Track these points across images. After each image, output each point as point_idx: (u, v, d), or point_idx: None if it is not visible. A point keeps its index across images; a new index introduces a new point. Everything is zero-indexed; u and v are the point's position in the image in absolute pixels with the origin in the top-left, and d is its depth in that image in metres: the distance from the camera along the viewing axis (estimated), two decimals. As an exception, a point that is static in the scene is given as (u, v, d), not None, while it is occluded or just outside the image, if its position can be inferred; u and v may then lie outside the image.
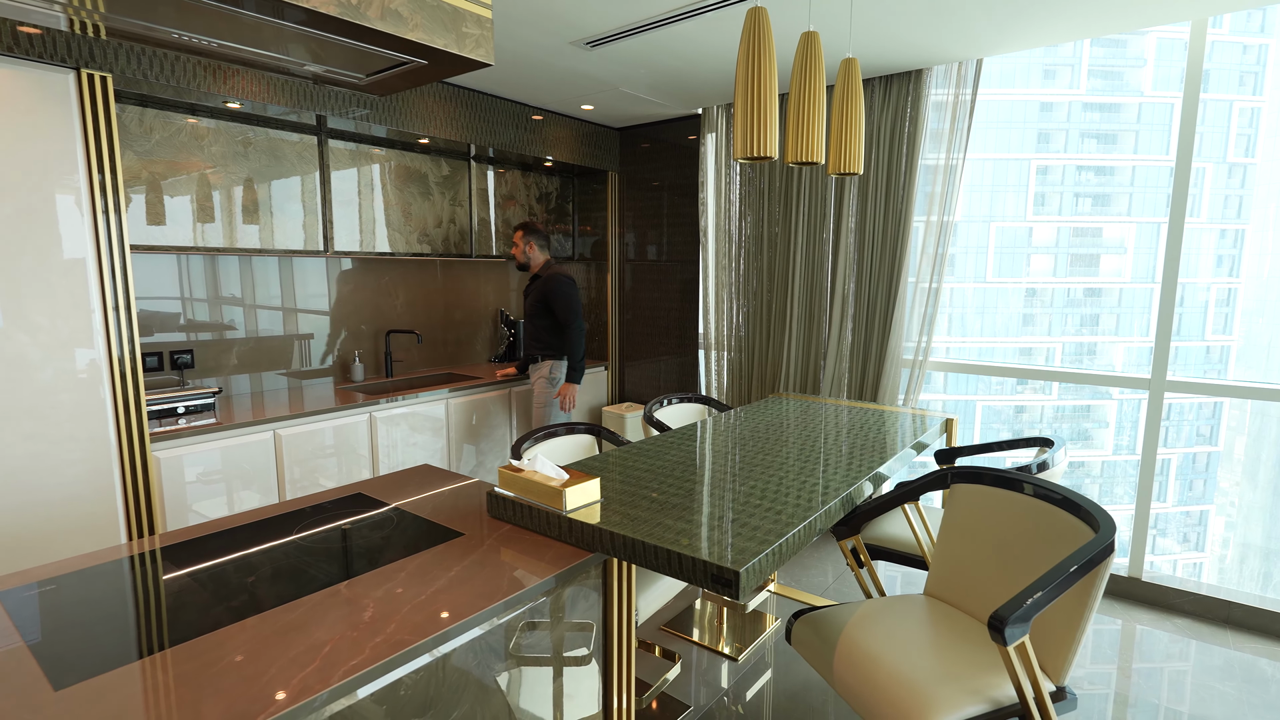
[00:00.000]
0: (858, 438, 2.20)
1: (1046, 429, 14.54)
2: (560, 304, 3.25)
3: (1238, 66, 14.89)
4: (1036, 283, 14.40)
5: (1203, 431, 13.37)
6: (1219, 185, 14.10)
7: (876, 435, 2.23)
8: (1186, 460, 12.89)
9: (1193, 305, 13.89)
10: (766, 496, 1.59)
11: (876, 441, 2.14)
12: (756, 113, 1.61)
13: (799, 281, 3.46)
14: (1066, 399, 14.48)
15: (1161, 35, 14.52)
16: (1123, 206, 14.99)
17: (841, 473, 1.79)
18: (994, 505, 1.55)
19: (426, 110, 3.16)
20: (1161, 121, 14.56)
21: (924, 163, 3.06)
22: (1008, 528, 1.51)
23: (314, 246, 3.06)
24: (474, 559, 1.37)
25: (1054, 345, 14.44)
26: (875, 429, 2.33)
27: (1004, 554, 1.50)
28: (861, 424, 2.42)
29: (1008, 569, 1.48)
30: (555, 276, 3.30)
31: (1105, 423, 14.04)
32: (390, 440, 3.07)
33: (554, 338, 3.32)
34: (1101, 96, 14.82)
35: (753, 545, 1.29)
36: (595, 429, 2.29)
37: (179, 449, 2.43)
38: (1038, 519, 1.43)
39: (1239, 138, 13.51)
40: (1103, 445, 13.60)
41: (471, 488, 1.83)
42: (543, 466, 1.56)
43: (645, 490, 1.64)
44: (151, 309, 2.83)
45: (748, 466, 1.85)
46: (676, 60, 2.89)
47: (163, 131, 2.58)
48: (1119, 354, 14.61)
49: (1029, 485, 1.45)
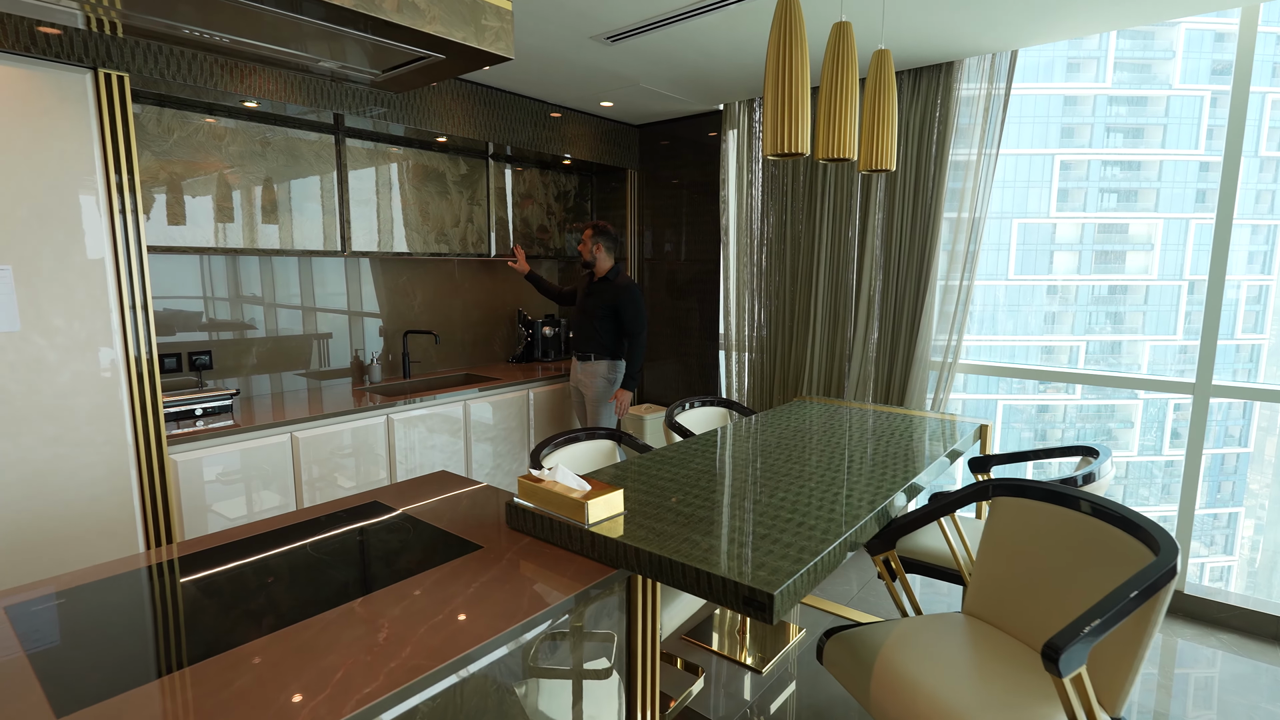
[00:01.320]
0: (888, 445, 2.12)
1: (1070, 429, 14.16)
2: (632, 313, 3.33)
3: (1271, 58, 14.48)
4: (1060, 280, 14.11)
5: (1232, 432, 13.03)
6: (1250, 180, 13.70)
7: (908, 442, 2.15)
8: (1215, 461, 12.57)
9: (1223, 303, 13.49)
10: (798, 510, 1.52)
11: (908, 449, 2.06)
12: (788, 107, 1.54)
13: (823, 280, 3.37)
14: (1090, 398, 14.16)
15: (1191, 26, 14.14)
16: (1150, 202, 14.62)
17: (875, 483, 1.71)
18: (1041, 520, 1.47)
19: (444, 108, 3.11)
20: (1191, 115, 14.17)
21: (954, 158, 2.96)
22: (1056, 545, 1.42)
23: (332, 247, 3.03)
24: (493, 575, 1.32)
25: (1078, 344, 14.14)
26: (906, 435, 2.25)
27: (1051, 573, 1.42)
28: (891, 430, 2.34)
29: (1055, 589, 1.40)
30: (631, 286, 3.37)
31: (1130, 423, 13.73)
32: (408, 442, 3.04)
33: (613, 341, 3.39)
34: (1129, 90, 14.45)
35: (786, 565, 1.23)
36: (616, 434, 2.23)
37: (197, 451, 2.41)
38: (1089, 537, 1.35)
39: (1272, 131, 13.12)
40: (1128, 446, 13.31)
41: (490, 496, 1.78)
42: (564, 477, 1.50)
43: (670, 501, 1.58)
44: (170, 310, 2.82)
45: (775, 476, 1.78)
46: (699, 55, 2.82)
47: (181, 131, 2.56)
48: (1145, 352, 14.27)
49: (1085, 503, 1.37)
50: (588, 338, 3.40)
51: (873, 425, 2.40)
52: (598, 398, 3.41)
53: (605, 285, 3.38)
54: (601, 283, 3.40)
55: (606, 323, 3.36)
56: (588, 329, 3.40)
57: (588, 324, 3.40)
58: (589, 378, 3.41)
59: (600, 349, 3.39)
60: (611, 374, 3.41)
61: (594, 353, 3.39)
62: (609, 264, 3.41)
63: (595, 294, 3.39)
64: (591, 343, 3.39)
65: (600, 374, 3.40)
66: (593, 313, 3.38)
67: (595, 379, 3.40)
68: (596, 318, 3.37)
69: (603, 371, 3.40)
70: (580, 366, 3.44)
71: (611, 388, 3.42)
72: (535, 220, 3.94)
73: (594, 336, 3.38)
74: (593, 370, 3.40)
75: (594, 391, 3.40)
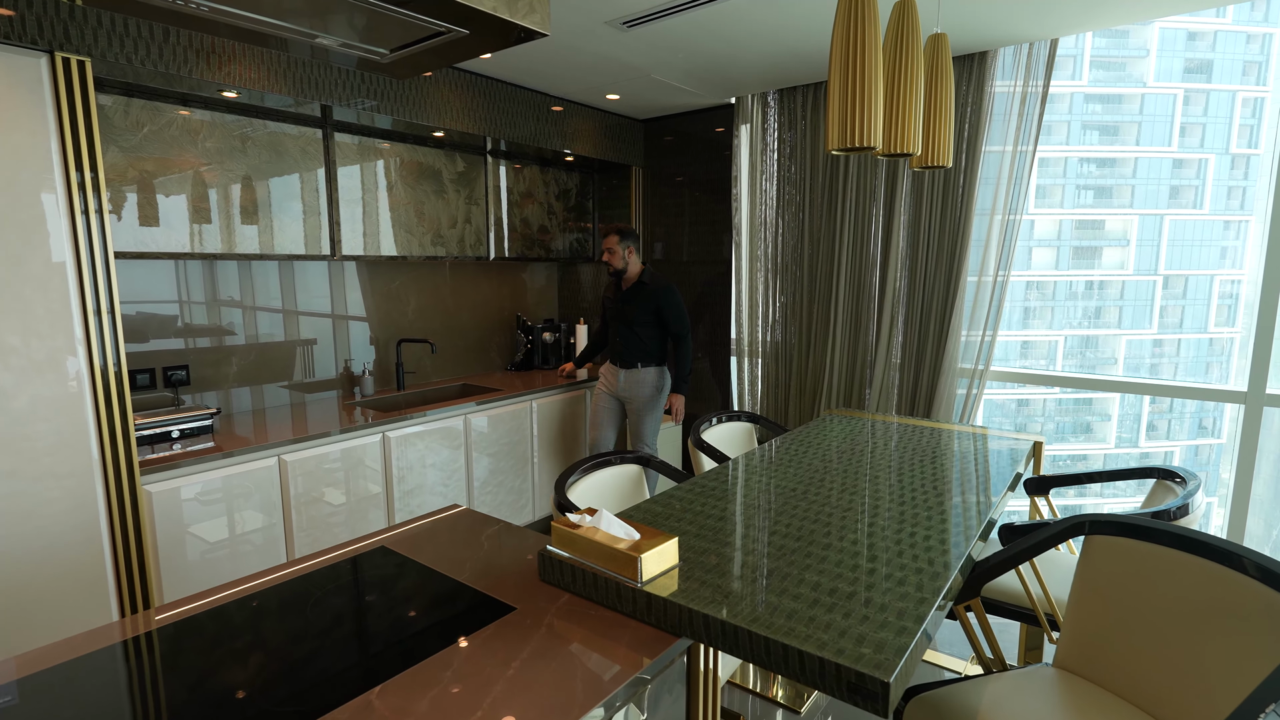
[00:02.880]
0: (945, 469, 1.95)
1: (1049, 423, 14.26)
2: (677, 315, 3.20)
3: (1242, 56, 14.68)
4: (1039, 276, 14.16)
5: (1205, 424, 13.21)
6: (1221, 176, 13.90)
7: (965, 465, 1.98)
8: (1189, 452, 12.72)
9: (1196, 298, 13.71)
10: (877, 557, 1.34)
11: (971, 474, 1.89)
12: (858, 95, 1.35)
13: (844, 282, 3.20)
14: (1068, 392, 14.27)
15: (1165, 25, 14.25)
16: (1125, 198, 14.78)
17: (951, 519, 1.54)
18: (1151, 565, 1.30)
19: (441, 100, 2.88)
20: (1164, 113, 14.31)
21: (988, 150, 2.80)
22: (1171, 595, 1.26)
23: (318, 250, 2.79)
24: (534, 647, 1.12)
25: (1056, 339, 14.22)
26: (960, 457, 2.08)
27: (1166, 627, 1.25)
28: (939, 450, 2.16)
29: (1171, 646, 1.23)
30: (671, 286, 3.23)
31: (1107, 416, 13.86)
32: (406, 461, 2.81)
33: (659, 347, 3.27)
34: (1104, 88, 14.55)
35: (889, 635, 1.04)
36: (644, 457, 2.03)
37: (173, 480, 2.17)
38: (1215, 589, 1.18)
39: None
40: (1105, 439, 13.42)
41: (514, 538, 1.57)
42: (608, 524, 1.30)
43: (728, 547, 1.38)
44: (142, 320, 2.56)
45: (836, 511, 1.60)
46: (719, 43, 2.62)
47: (152, 125, 2.30)
48: (1121, 346, 14.40)
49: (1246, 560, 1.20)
50: (633, 347, 3.23)
51: (917, 444, 2.23)
52: (645, 406, 3.26)
53: (642, 289, 3.21)
54: (637, 287, 3.22)
55: (650, 329, 3.22)
56: (631, 338, 3.23)
57: (630, 332, 3.23)
58: (636, 386, 3.25)
59: (647, 356, 3.24)
60: (660, 380, 3.28)
61: (640, 361, 3.24)
62: (639, 266, 3.26)
63: (633, 300, 3.22)
64: (638, 351, 3.23)
65: (649, 382, 3.25)
66: (634, 320, 3.21)
67: (643, 387, 3.25)
68: (639, 324, 3.20)
69: (652, 379, 3.26)
70: (625, 375, 3.26)
71: (659, 395, 3.28)
72: (536, 220, 3.72)
73: (639, 344, 3.23)
74: (640, 379, 3.25)
75: (641, 399, 3.26)
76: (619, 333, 3.27)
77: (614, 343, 3.31)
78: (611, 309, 3.32)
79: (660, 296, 3.18)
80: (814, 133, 3.24)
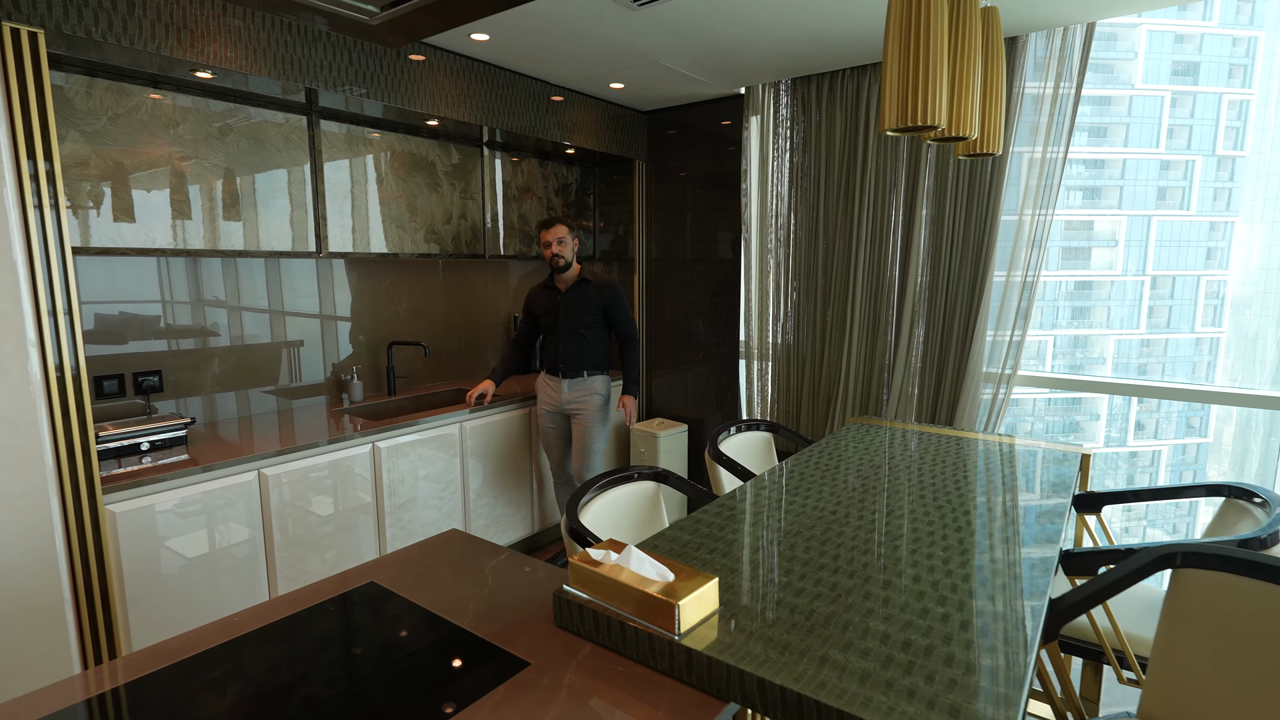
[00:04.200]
0: (998, 487, 1.78)
1: (1039, 423, 14.25)
2: (625, 315, 2.96)
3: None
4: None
5: (1193, 423, 13.22)
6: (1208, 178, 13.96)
7: (1016, 481, 1.81)
8: (1177, 451, 12.72)
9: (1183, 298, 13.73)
10: (948, 599, 1.17)
11: (1026, 492, 1.72)
12: (921, 68, 1.18)
13: (861, 281, 3.03)
14: (1057, 391, 14.26)
15: (1152, 28, 14.24)
16: (1114, 200, 14.82)
17: (1020, 549, 1.37)
18: (1256, 604, 1.13)
19: (436, 86, 2.69)
20: (1151, 114, 14.32)
21: (1017, 146, 2.64)
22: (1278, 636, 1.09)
23: (304, 247, 2.59)
24: (555, 715, 0.94)
25: (1045, 339, 14.20)
26: (1008, 472, 1.91)
27: (1275, 674, 1.09)
28: (983, 463, 2.00)
29: None
30: (613, 284, 2.97)
31: (1096, 415, 13.85)
32: (397, 474, 2.62)
33: (604, 352, 3.00)
34: (1093, 90, 14.58)
35: (989, 708, 0.87)
36: (660, 473, 1.85)
37: (141, 499, 1.97)
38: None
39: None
40: (1094, 437, 13.39)
41: (521, 572, 1.39)
42: (637, 563, 1.12)
43: (772, 586, 1.21)
44: (113, 321, 2.35)
45: (888, 538, 1.43)
46: (737, 25, 2.45)
47: (117, 108, 2.10)
48: (1110, 346, 14.40)
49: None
50: (579, 354, 2.93)
51: (957, 457, 2.06)
52: (594, 419, 2.96)
53: (586, 288, 2.93)
54: (580, 286, 2.94)
55: (597, 331, 2.94)
56: (576, 344, 2.92)
57: (574, 338, 2.92)
58: (584, 397, 2.94)
59: (595, 364, 2.95)
60: (607, 389, 3.01)
61: (587, 369, 2.94)
62: (578, 264, 2.99)
63: (577, 300, 2.92)
64: (586, 358, 2.94)
65: (597, 391, 2.96)
66: (583, 322, 2.92)
67: (592, 397, 2.95)
68: (585, 326, 2.92)
69: (599, 388, 2.97)
70: (569, 387, 2.93)
71: (609, 405, 3.03)
72: (534, 216, 3.53)
73: (588, 350, 2.93)
74: (589, 388, 2.95)
75: (590, 413, 2.96)
76: (563, 339, 2.92)
77: (551, 351, 2.96)
78: (547, 312, 2.97)
79: (608, 295, 2.91)
80: (829, 124, 3.07)
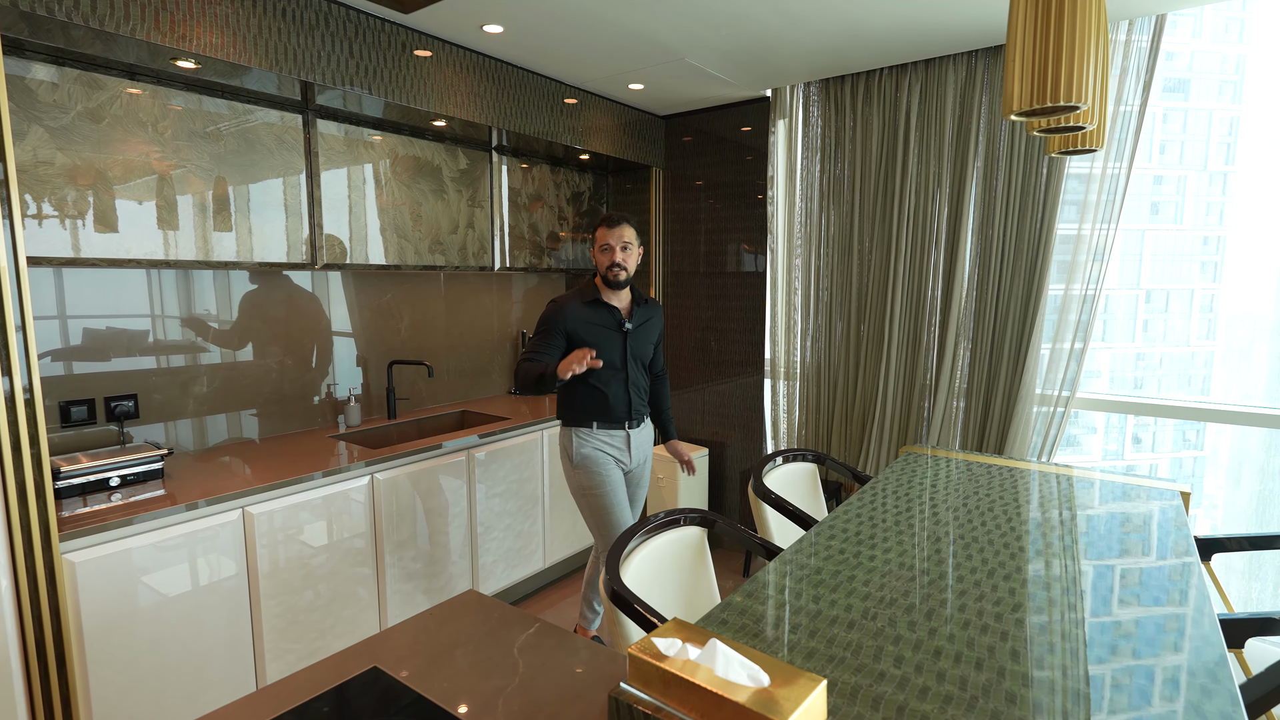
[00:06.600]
0: (1112, 536, 1.54)
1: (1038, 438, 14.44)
2: (660, 343, 2.44)
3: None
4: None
5: (1189, 437, 13.08)
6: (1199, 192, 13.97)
7: (1129, 529, 1.58)
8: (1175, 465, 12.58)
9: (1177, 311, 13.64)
10: (1117, 703, 0.93)
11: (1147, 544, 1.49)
12: (1065, 38, 0.95)
13: (900, 295, 2.81)
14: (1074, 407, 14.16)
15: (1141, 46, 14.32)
16: (1109, 213, 14.82)
17: (1190, 621, 1.13)
18: None
19: (444, 82, 2.47)
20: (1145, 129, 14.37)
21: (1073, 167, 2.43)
22: None
23: (299, 258, 2.36)
24: None
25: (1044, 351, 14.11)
26: (1108, 514, 1.68)
27: None
28: (1080, 505, 1.76)
29: None
30: (658, 303, 2.57)
31: (1093, 429, 13.72)
32: (397, 508, 2.36)
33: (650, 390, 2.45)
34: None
35: None
36: (707, 518, 1.61)
37: (106, 545, 1.71)
38: None
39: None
40: (1090, 451, 13.25)
41: (556, 647, 1.14)
42: (723, 664, 0.87)
43: (885, 683, 0.97)
44: (78, 340, 2.11)
45: (1008, 607, 1.18)
46: (774, 15, 2.24)
47: (86, 102, 1.87)
48: (1106, 359, 14.32)
49: None
50: (643, 394, 2.35)
51: (1044, 495, 1.82)
52: (646, 471, 2.43)
53: (650, 310, 2.36)
54: (645, 308, 2.33)
55: (646, 364, 2.41)
56: (642, 382, 2.34)
57: (640, 374, 2.33)
58: (646, 448, 2.39)
59: (647, 406, 2.39)
60: (652, 435, 2.47)
61: (646, 413, 2.38)
62: None
63: (645, 327, 2.32)
64: (645, 400, 2.37)
65: (651, 439, 2.43)
66: (644, 352, 2.34)
67: (649, 447, 2.41)
68: (644, 358, 2.35)
69: (651, 436, 2.44)
70: (636, 437, 2.32)
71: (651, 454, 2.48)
72: (545, 227, 3.30)
73: (645, 390, 2.37)
74: (648, 438, 2.40)
75: (647, 465, 2.43)
76: (630, 376, 2.27)
77: (619, 393, 2.25)
78: (605, 341, 2.22)
79: (657, 315, 2.39)
80: (864, 128, 2.86)
